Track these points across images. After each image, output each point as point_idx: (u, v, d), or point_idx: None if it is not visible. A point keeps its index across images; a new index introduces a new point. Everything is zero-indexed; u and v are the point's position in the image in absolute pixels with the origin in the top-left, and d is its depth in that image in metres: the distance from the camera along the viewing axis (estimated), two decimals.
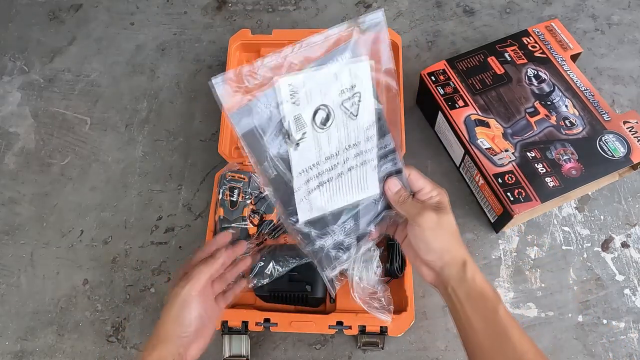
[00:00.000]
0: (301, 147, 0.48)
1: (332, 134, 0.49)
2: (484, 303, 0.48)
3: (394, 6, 0.89)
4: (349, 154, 0.50)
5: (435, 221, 0.49)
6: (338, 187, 0.52)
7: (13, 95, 0.87)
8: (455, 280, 0.49)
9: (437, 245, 0.50)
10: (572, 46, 0.73)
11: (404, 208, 0.52)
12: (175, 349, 0.50)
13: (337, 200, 0.53)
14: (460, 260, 0.50)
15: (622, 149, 0.65)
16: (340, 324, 0.62)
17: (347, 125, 0.49)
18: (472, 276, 0.49)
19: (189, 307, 0.51)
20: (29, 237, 0.75)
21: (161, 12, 0.93)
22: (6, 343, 0.69)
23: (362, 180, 0.53)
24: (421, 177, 0.53)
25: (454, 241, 0.51)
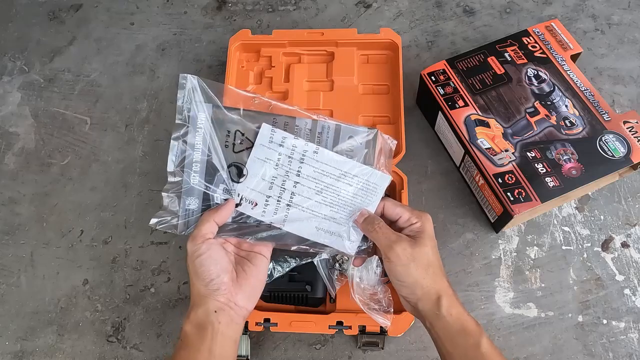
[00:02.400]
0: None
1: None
2: (464, 339, 0.46)
3: (394, 6, 0.89)
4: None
5: (408, 255, 0.47)
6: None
7: (13, 95, 0.87)
8: (431, 316, 0.47)
9: (409, 280, 0.48)
10: (572, 46, 0.73)
11: (376, 238, 0.50)
12: (212, 303, 0.47)
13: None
14: (434, 295, 0.48)
15: (622, 149, 0.65)
16: (340, 324, 0.62)
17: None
18: (448, 311, 0.47)
19: (200, 258, 0.48)
20: (29, 237, 0.76)
21: (161, 12, 0.93)
22: (6, 343, 0.69)
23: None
24: (398, 206, 0.52)
25: (429, 275, 0.48)
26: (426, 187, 0.74)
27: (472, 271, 0.69)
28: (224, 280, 0.49)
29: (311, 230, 0.54)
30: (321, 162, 0.54)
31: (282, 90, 0.77)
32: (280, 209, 0.54)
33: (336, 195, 0.54)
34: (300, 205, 0.54)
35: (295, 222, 0.54)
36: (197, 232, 0.49)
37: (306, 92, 0.77)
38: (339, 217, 0.54)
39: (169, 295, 0.70)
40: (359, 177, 0.54)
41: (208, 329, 0.47)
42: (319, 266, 0.60)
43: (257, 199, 0.54)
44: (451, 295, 0.48)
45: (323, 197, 0.54)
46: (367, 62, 0.79)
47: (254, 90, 0.78)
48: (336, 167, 0.54)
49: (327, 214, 0.54)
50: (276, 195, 0.54)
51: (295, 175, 0.54)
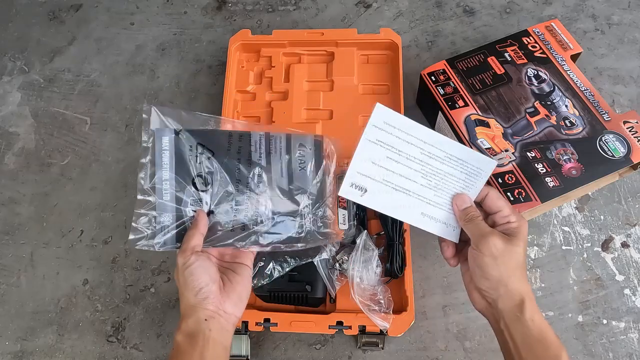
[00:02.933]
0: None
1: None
2: (545, 350, 0.45)
3: (394, 6, 0.89)
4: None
5: (500, 249, 0.47)
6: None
7: (13, 95, 0.87)
8: (510, 318, 0.46)
9: (495, 274, 0.47)
10: (572, 46, 0.73)
11: (469, 228, 0.50)
12: (201, 312, 0.48)
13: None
14: (517, 296, 0.47)
15: (622, 149, 0.65)
16: (340, 324, 0.62)
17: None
18: (531, 317, 0.46)
19: (189, 269, 0.50)
20: (29, 237, 0.76)
21: (161, 12, 0.93)
22: (6, 343, 0.69)
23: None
24: (501, 199, 0.52)
25: (516, 275, 0.48)
26: None
27: None
28: (212, 289, 0.50)
29: (416, 216, 0.54)
30: (428, 143, 0.53)
31: (282, 90, 0.77)
32: (387, 194, 0.53)
33: (440, 179, 0.54)
34: (406, 189, 0.53)
35: (401, 208, 0.53)
36: (186, 246, 0.51)
37: (306, 92, 0.77)
38: (443, 202, 0.54)
39: (169, 295, 0.70)
40: (464, 161, 0.54)
41: (199, 337, 0.48)
42: (319, 266, 0.60)
43: (367, 185, 0.53)
44: (534, 302, 0.47)
45: (428, 181, 0.54)
46: (367, 62, 0.79)
47: (254, 90, 0.78)
48: (442, 149, 0.53)
49: (432, 198, 0.54)
50: (385, 180, 0.53)
51: (405, 158, 0.53)
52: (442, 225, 0.55)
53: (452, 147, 0.53)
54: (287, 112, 0.75)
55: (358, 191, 0.53)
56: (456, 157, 0.54)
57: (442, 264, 0.69)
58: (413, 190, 0.54)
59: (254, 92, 0.78)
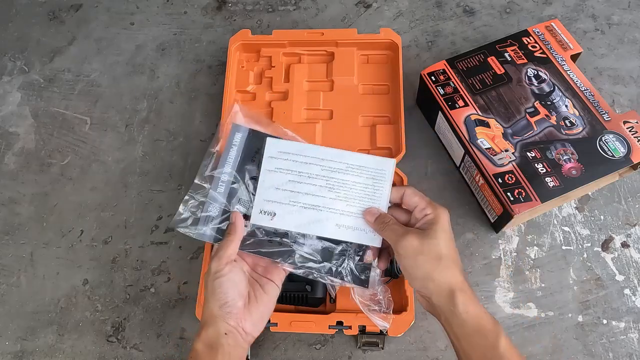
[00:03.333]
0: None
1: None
2: (482, 339, 0.45)
3: (394, 6, 0.89)
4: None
5: (415, 247, 0.47)
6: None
7: (13, 95, 0.87)
8: (446, 312, 0.46)
9: (419, 273, 0.47)
10: (572, 46, 0.73)
11: (386, 235, 0.51)
12: (223, 325, 0.48)
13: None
14: (446, 289, 0.46)
15: (622, 149, 0.65)
16: (340, 324, 0.62)
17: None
18: (465, 308, 0.45)
19: (220, 280, 0.49)
20: (29, 237, 0.76)
21: (161, 12, 0.93)
22: (6, 343, 0.69)
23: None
24: (416, 195, 0.52)
25: (440, 268, 0.47)
26: (426, 187, 0.74)
27: (472, 271, 0.69)
28: (237, 305, 0.49)
29: (332, 228, 0.55)
30: (326, 159, 0.56)
31: (282, 91, 0.78)
32: (297, 213, 0.55)
33: (348, 189, 0.56)
34: (315, 205, 0.55)
35: (315, 223, 0.55)
36: (222, 253, 0.51)
37: (306, 92, 0.77)
38: (357, 211, 0.55)
39: (169, 295, 0.70)
40: (364, 167, 0.56)
41: (219, 350, 0.47)
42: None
43: (274, 209, 0.56)
44: (467, 291, 0.47)
45: (336, 193, 0.56)
46: (367, 62, 0.79)
47: (254, 90, 0.78)
48: (341, 160, 0.56)
49: (345, 209, 0.55)
50: (291, 201, 0.56)
51: (306, 177, 0.56)
52: (361, 232, 0.55)
53: (349, 157, 0.56)
54: (287, 112, 0.75)
55: (267, 216, 0.56)
56: (356, 165, 0.56)
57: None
58: (323, 205, 0.55)
59: (254, 92, 0.78)
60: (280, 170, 0.56)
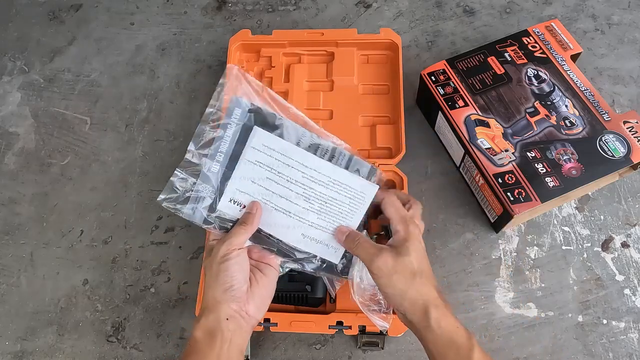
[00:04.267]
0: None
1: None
2: (455, 353, 0.45)
3: (394, 6, 0.89)
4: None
5: (389, 266, 0.47)
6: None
7: (13, 95, 0.87)
8: (421, 327, 0.47)
9: (394, 292, 0.47)
10: (572, 46, 0.73)
11: (358, 253, 0.50)
12: (225, 310, 0.47)
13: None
14: (421, 306, 0.47)
15: (622, 149, 0.65)
16: (340, 324, 0.62)
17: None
18: (437, 324, 0.46)
19: (227, 264, 0.48)
20: (29, 237, 0.75)
21: (161, 12, 0.93)
22: (6, 343, 0.69)
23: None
24: (392, 205, 0.51)
25: (414, 285, 0.47)
26: (426, 187, 0.74)
27: (472, 271, 0.69)
28: (243, 289, 0.49)
29: (297, 236, 0.55)
30: (310, 167, 0.55)
31: (282, 91, 0.77)
32: (266, 212, 0.54)
33: (324, 203, 0.55)
34: (286, 210, 0.54)
35: (280, 227, 0.54)
36: (234, 240, 0.50)
37: (306, 92, 0.77)
38: (326, 225, 0.55)
39: (169, 295, 0.70)
40: (348, 186, 0.55)
41: (218, 336, 0.47)
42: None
43: (244, 201, 0.54)
44: (440, 306, 0.47)
45: (310, 204, 0.55)
46: (367, 62, 0.79)
47: None
48: (325, 173, 0.55)
49: (314, 221, 0.55)
50: (264, 199, 0.54)
51: (285, 180, 0.54)
52: (324, 246, 0.55)
53: (335, 172, 0.55)
54: None
55: (237, 206, 0.54)
56: (340, 181, 0.55)
57: (441, 264, 0.69)
58: (294, 212, 0.54)
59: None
60: (260, 164, 0.54)
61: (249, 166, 0.54)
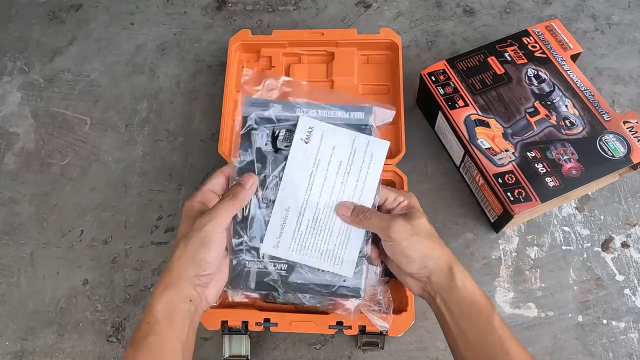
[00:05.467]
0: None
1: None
2: (478, 312, 0.45)
3: (394, 6, 0.89)
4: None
5: (409, 229, 0.46)
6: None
7: (13, 95, 0.87)
8: (444, 289, 0.46)
9: (417, 254, 0.46)
10: (572, 46, 0.73)
11: (371, 225, 0.49)
12: (189, 290, 0.45)
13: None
14: (445, 265, 0.46)
15: (622, 149, 0.65)
16: (340, 324, 0.62)
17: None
18: (463, 283, 0.45)
19: (209, 246, 0.45)
20: (29, 237, 0.76)
21: (161, 12, 0.93)
22: (6, 343, 0.69)
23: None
24: (384, 189, 0.51)
25: (434, 245, 0.47)
26: (426, 187, 0.74)
27: (472, 271, 0.69)
28: (213, 274, 0.47)
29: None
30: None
31: None
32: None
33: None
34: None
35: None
36: (223, 219, 0.46)
37: (306, 93, 0.77)
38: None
39: None
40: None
41: (178, 315, 0.44)
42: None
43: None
44: (461, 266, 0.47)
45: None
46: (367, 62, 0.79)
47: None
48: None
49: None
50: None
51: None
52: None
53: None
54: None
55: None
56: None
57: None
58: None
59: None
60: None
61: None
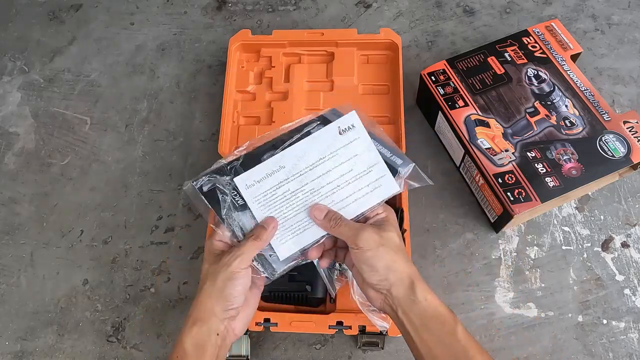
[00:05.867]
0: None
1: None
2: (441, 325, 0.45)
3: (394, 6, 0.89)
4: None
5: (376, 239, 0.47)
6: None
7: (13, 95, 0.87)
8: (406, 302, 0.46)
9: (381, 264, 0.47)
10: (572, 46, 0.73)
11: (340, 232, 0.49)
12: (218, 325, 0.46)
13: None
14: (407, 279, 0.46)
15: (622, 149, 0.65)
16: (340, 324, 0.62)
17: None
18: (424, 296, 0.46)
19: (235, 282, 0.47)
20: (29, 237, 0.76)
21: (161, 12, 0.93)
22: (6, 343, 0.69)
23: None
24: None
25: (399, 259, 0.47)
26: (426, 187, 0.74)
27: (472, 271, 0.69)
28: (240, 308, 0.48)
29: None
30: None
31: (282, 91, 0.77)
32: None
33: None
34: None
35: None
36: (248, 255, 0.48)
37: (306, 93, 0.77)
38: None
39: (169, 295, 0.70)
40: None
41: (207, 350, 0.46)
42: (319, 266, 0.60)
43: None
44: (423, 281, 0.47)
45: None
46: (367, 62, 0.79)
47: (254, 90, 0.78)
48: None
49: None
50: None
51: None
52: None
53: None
54: (287, 112, 0.75)
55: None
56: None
57: (441, 264, 0.69)
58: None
59: (254, 92, 0.78)
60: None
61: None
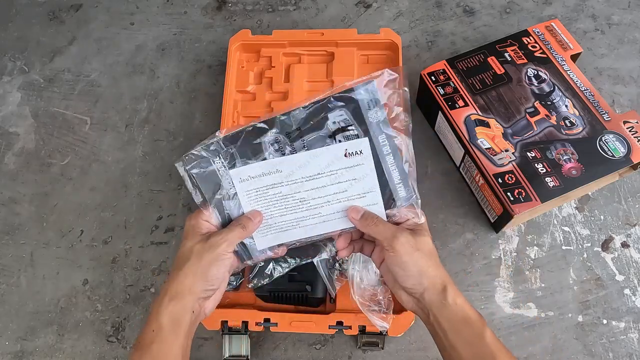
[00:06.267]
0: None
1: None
2: (469, 328, 0.46)
3: (394, 6, 0.89)
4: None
5: (412, 244, 0.47)
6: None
7: (13, 95, 0.87)
8: (437, 306, 0.47)
9: (415, 270, 0.47)
10: (572, 46, 0.73)
11: (377, 231, 0.49)
12: (193, 304, 0.47)
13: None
14: (440, 284, 0.47)
15: (622, 149, 0.65)
16: (340, 324, 0.62)
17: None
18: (454, 300, 0.46)
19: (220, 263, 0.48)
20: (29, 237, 0.76)
21: (161, 12, 0.93)
22: (6, 343, 0.69)
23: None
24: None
25: (432, 264, 0.48)
26: (426, 187, 0.74)
27: (472, 271, 0.69)
28: (221, 290, 0.49)
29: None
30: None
31: (282, 91, 0.77)
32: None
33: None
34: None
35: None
36: (234, 241, 0.49)
37: (306, 93, 0.77)
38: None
39: None
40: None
41: (182, 326, 0.47)
42: (319, 266, 0.60)
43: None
44: (454, 285, 0.48)
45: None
46: (367, 62, 0.79)
47: (254, 90, 0.78)
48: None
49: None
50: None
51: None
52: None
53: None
54: None
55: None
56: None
57: (442, 264, 0.69)
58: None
59: (254, 92, 0.78)
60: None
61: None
